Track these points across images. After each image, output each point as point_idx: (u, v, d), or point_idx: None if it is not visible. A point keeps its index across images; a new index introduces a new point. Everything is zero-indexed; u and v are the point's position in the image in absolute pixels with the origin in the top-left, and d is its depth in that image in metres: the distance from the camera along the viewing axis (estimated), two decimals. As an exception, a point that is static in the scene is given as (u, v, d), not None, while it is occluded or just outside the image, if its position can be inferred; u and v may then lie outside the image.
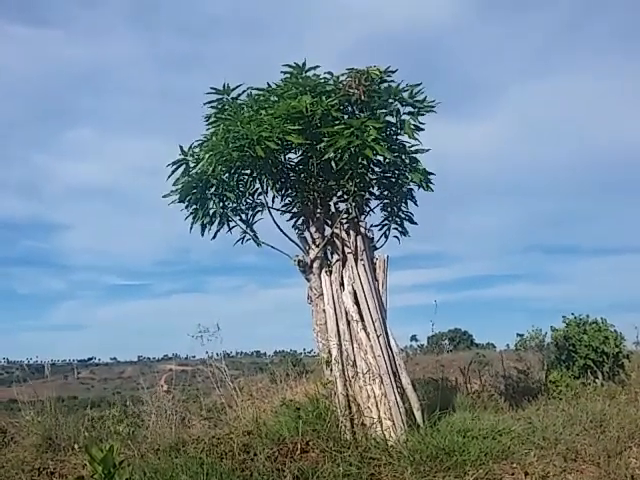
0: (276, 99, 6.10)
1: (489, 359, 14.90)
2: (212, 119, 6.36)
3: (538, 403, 8.57)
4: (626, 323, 11.34)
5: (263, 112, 5.90)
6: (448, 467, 4.76)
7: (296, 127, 5.70)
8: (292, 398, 7.25)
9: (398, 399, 5.95)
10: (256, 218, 6.62)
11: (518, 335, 20.24)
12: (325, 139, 5.87)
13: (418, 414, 6.13)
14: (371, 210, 6.91)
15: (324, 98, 5.95)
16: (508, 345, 21.34)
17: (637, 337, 12.33)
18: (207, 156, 5.87)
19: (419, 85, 6.27)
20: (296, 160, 6.57)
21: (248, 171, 6.21)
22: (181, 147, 6.30)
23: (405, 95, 6.25)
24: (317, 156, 6.08)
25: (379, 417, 5.84)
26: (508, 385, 11.17)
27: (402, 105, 6.29)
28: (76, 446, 6.29)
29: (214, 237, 6.42)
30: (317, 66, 6.10)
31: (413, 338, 22.58)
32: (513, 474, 4.67)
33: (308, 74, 6.09)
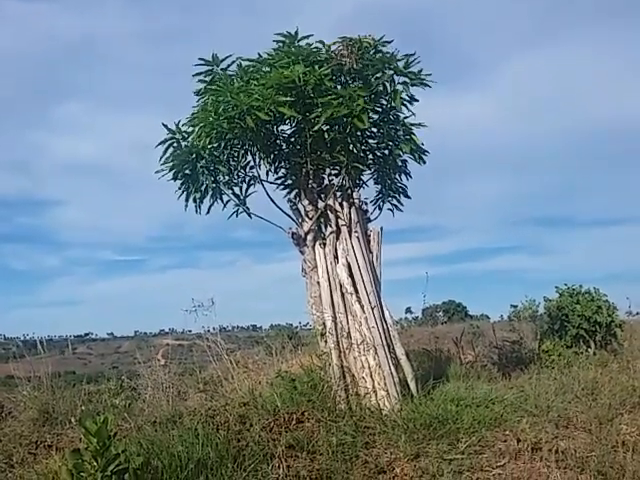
0: (267, 69, 6.00)
1: (483, 330, 15.07)
2: (201, 91, 6.26)
3: (531, 372, 8.67)
4: (621, 293, 11.43)
5: (254, 82, 5.82)
6: (441, 435, 4.82)
7: (288, 99, 5.61)
8: (288, 370, 7.30)
9: (392, 369, 6.01)
10: (249, 192, 6.58)
11: (512, 306, 20.39)
12: (316, 110, 5.79)
13: (412, 384, 6.19)
14: (364, 183, 6.88)
15: (317, 67, 5.84)
16: (502, 316, 21.51)
17: (629, 307, 12.45)
18: (197, 129, 5.79)
19: (413, 55, 6.17)
20: (288, 132, 6.51)
21: (239, 143, 6.14)
22: (165, 125, 6.19)
23: (400, 65, 6.16)
24: (309, 127, 6.00)
25: (373, 387, 5.90)
26: (501, 355, 11.28)
27: (396, 74, 6.20)
28: (73, 419, 6.32)
29: (208, 212, 6.39)
30: (310, 35, 6.01)
31: (408, 310, 22.64)
32: (505, 441, 4.74)
33: (300, 43, 5.99)
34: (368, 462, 4.42)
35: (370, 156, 6.77)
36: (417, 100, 6.27)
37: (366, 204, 6.81)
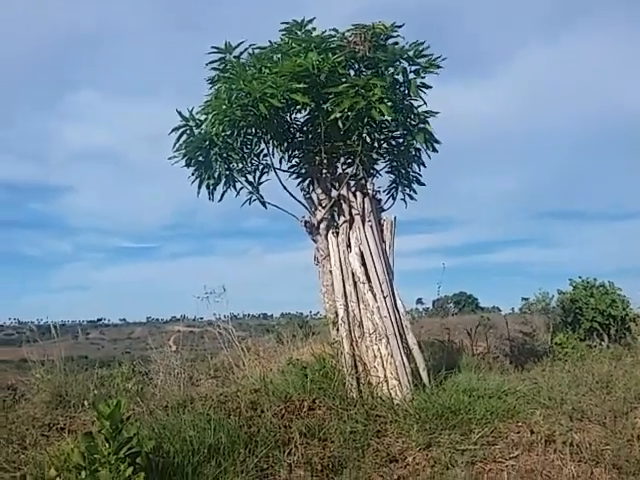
0: (279, 57, 5.95)
1: (494, 322, 15.01)
2: (214, 79, 6.22)
3: (543, 364, 8.62)
4: (633, 288, 11.31)
5: (267, 70, 5.77)
6: (454, 425, 4.80)
7: (301, 85, 5.55)
8: (299, 358, 7.30)
9: (404, 359, 5.98)
10: (262, 179, 6.55)
11: (523, 299, 20.30)
12: (330, 99, 5.74)
13: (424, 374, 6.16)
14: (377, 172, 6.83)
15: (330, 55, 5.79)
16: (513, 309, 21.43)
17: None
18: (210, 116, 5.76)
19: (423, 43, 6.07)
20: (302, 120, 6.46)
21: (252, 131, 6.10)
22: (179, 112, 6.17)
23: (411, 53, 6.07)
24: (323, 116, 5.95)
25: (385, 376, 5.88)
26: (513, 347, 11.23)
27: (409, 64, 6.11)
28: (85, 403, 6.38)
29: (221, 199, 6.37)
30: (313, 18, 5.95)
31: (419, 301, 22.56)
32: (518, 432, 4.70)
33: (312, 32, 5.92)
34: (379, 450, 4.41)
35: (384, 145, 6.71)
36: (430, 87, 6.18)
37: (379, 193, 6.77)
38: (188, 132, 6.18)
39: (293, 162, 6.72)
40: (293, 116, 6.35)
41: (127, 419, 3.39)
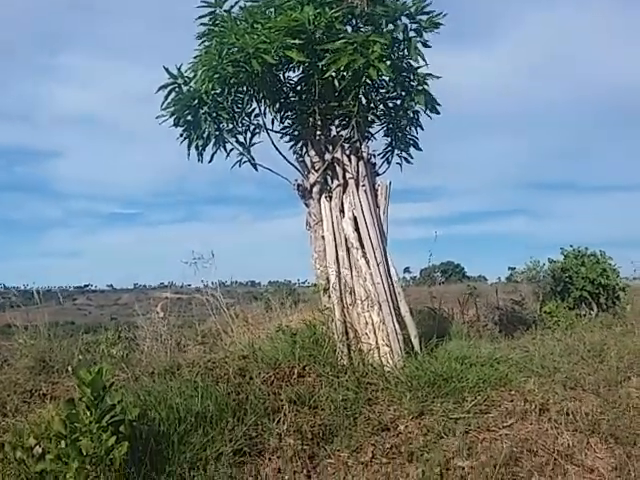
0: (273, 11, 5.64)
1: (481, 291, 15.02)
2: (204, 33, 5.91)
3: (534, 333, 8.59)
4: (621, 258, 11.27)
5: (260, 25, 5.47)
6: (446, 393, 4.71)
7: (297, 41, 5.28)
8: (288, 325, 7.19)
9: (396, 326, 5.87)
10: (253, 141, 6.29)
11: (510, 268, 20.34)
12: (326, 56, 5.47)
13: (416, 341, 6.08)
14: (372, 136, 6.60)
15: (327, 9, 5.50)
16: (499, 278, 21.55)
17: (634, 271, 12.36)
18: (200, 72, 5.48)
19: (427, 4, 5.78)
20: (296, 79, 6.19)
21: (244, 89, 5.83)
22: (167, 69, 5.86)
23: (412, 10, 5.79)
24: (318, 74, 5.69)
25: (377, 343, 5.78)
26: (502, 315, 11.22)
27: (409, 21, 5.84)
28: (69, 368, 6.23)
29: (211, 160, 6.12)
30: None
31: (406, 270, 22.68)
32: (512, 401, 4.63)
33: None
34: (371, 419, 4.32)
35: (381, 107, 6.47)
36: (430, 46, 5.92)
37: (374, 157, 6.56)
38: (176, 90, 5.90)
39: (286, 123, 6.48)
40: (286, 74, 6.08)
41: (110, 386, 3.25)
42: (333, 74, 5.39)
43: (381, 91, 6.29)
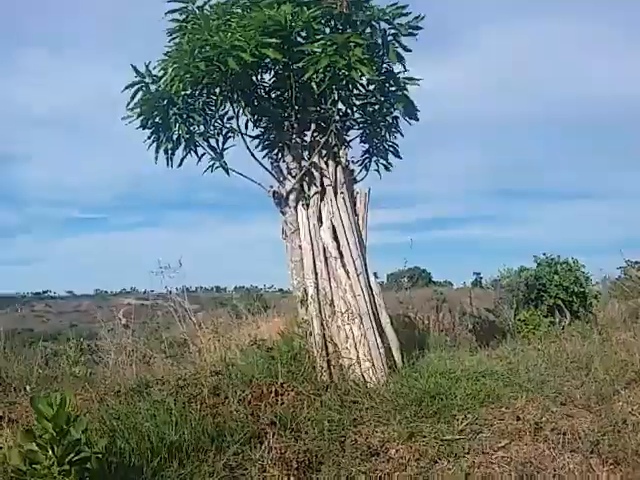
0: (248, 9, 5.35)
1: (447, 296, 14.97)
2: (175, 30, 5.59)
3: (511, 342, 8.47)
4: (590, 265, 11.29)
5: (234, 23, 5.18)
6: (434, 412, 4.47)
7: (274, 40, 5.00)
8: (260, 337, 6.86)
9: (378, 339, 5.63)
10: (227, 145, 5.98)
11: (475, 273, 20.42)
12: (305, 57, 5.20)
13: (397, 354, 5.85)
14: (348, 143, 6.37)
15: (305, 9, 5.24)
16: (464, 283, 21.68)
17: (605, 277, 12.46)
18: (170, 71, 5.14)
19: (404, 7, 5.57)
20: (271, 81, 5.91)
21: (217, 90, 5.52)
22: (134, 67, 5.51)
23: (389, 15, 5.58)
24: (295, 77, 5.43)
25: (358, 358, 5.52)
26: (476, 323, 11.12)
27: (388, 26, 5.62)
28: (28, 388, 5.78)
29: (180, 164, 5.79)
30: None
31: (374, 275, 22.71)
32: (503, 419, 4.41)
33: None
34: (358, 443, 4.04)
35: (359, 112, 6.24)
36: (410, 50, 5.71)
37: (353, 163, 6.33)
38: (144, 89, 5.55)
39: (261, 127, 6.19)
40: (261, 76, 5.78)
41: (75, 419, 2.88)
42: (311, 75, 5.11)
43: (359, 96, 6.04)
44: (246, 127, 6.01)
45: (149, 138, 5.62)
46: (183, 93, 5.30)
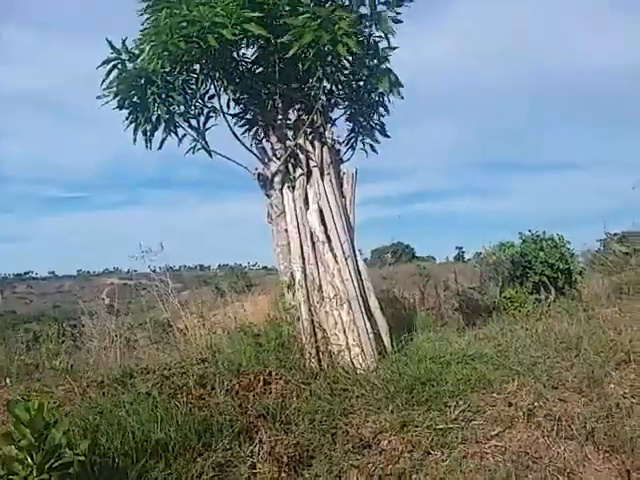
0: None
1: (430, 271, 14.95)
2: (152, 4, 5.29)
3: (497, 321, 8.44)
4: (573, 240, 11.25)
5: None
6: (426, 399, 4.39)
7: (256, 14, 4.76)
8: (246, 319, 6.73)
9: (367, 325, 5.53)
10: (208, 125, 5.74)
11: (457, 248, 20.47)
12: (288, 31, 4.96)
13: (386, 338, 5.76)
14: (334, 121, 6.16)
15: (288, -20, 4.99)
16: (447, 258, 21.80)
17: (587, 250, 12.48)
18: (147, 49, 4.88)
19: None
20: (254, 57, 5.67)
21: (197, 68, 5.28)
22: (110, 42, 5.23)
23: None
24: (278, 52, 5.21)
25: (347, 344, 5.43)
26: (462, 301, 11.10)
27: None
28: (8, 380, 5.60)
29: (160, 147, 5.54)
30: None
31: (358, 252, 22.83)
32: (495, 405, 4.35)
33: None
34: (350, 434, 3.94)
35: (345, 89, 6.04)
36: (401, 21, 5.48)
37: (339, 144, 6.14)
38: (119, 67, 5.28)
39: (242, 106, 5.96)
40: (243, 52, 5.54)
41: (54, 423, 2.73)
42: (296, 50, 4.88)
43: (345, 72, 5.83)
44: (228, 106, 5.79)
45: (126, 119, 5.37)
46: (162, 71, 5.05)
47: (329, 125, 6.00)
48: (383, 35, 5.48)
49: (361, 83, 5.94)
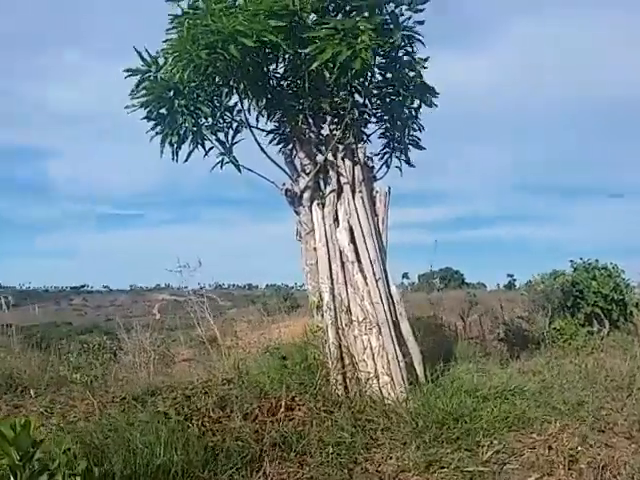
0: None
1: (480, 298, 14.41)
2: (177, 15, 5.19)
3: (544, 353, 7.94)
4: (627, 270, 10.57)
5: (238, 8, 4.77)
6: (457, 437, 4.03)
7: (280, 23, 4.57)
8: (277, 346, 6.50)
9: (398, 351, 5.19)
10: (236, 139, 5.60)
11: (508, 275, 19.79)
12: (312, 45, 4.76)
13: (419, 368, 5.40)
14: (368, 137, 5.93)
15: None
16: (498, 285, 21.12)
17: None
18: (171, 59, 4.80)
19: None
20: (282, 70, 5.51)
21: (223, 80, 5.12)
22: (139, 53, 5.15)
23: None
24: (305, 65, 5.02)
25: (376, 371, 5.10)
26: (508, 331, 10.55)
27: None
28: (32, 391, 5.56)
29: (187, 159, 5.43)
30: None
31: (404, 276, 22.87)
32: (534, 448, 3.94)
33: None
34: (369, 471, 3.63)
35: (377, 103, 5.81)
36: (422, 22, 5.20)
37: (372, 160, 5.91)
38: (149, 78, 5.21)
39: (274, 121, 5.80)
40: (272, 66, 5.38)
41: (40, 442, 2.56)
42: (317, 66, 4.69)
43: (375, 85, 5.60)
44: (257, 120, 5.64)
45: (153, 129, 5.29)
46: (188, 83, 4.95)
47: (361, 141, 5.78)
48: (406, 42, 5.26)
49: (393, 97, 5.70)
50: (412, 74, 5.49)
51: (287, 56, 5.09)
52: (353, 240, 5.42)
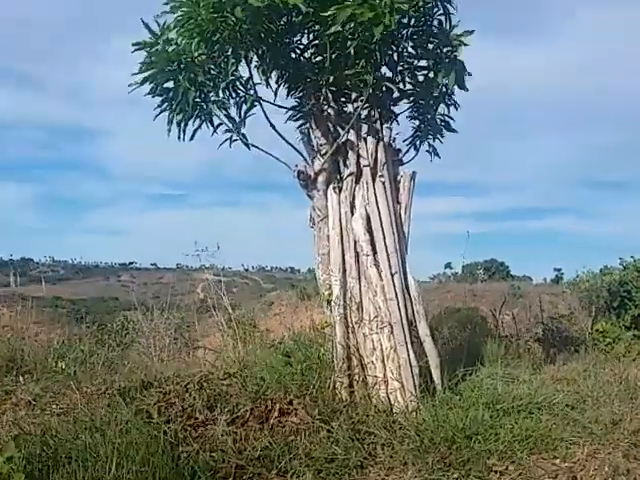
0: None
1: (524, 292, 13.68)
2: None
3: (583, 358, 7.26)
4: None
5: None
6: (467, 459, 3.51)
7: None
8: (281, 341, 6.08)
9: (411, 355, 4.66)
10: (247, 114, 5.11)
11: (555, 269, 18.85)
12: (332, 7, 4.21)
13: (436, 373, 4.86)
14: (396, 117, 5.36)
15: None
16: (545, 279, 20.24)
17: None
18: (172, 25, 4.35)
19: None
20: (304, 41, 4.98)
21: (229, 48, 4.61)
22: (147, 25, 4.67)
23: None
24: (325, 31, 4.47)
25: (384, 376, 4.60)
26: (546, 331, 9.82)
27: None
28: (21, 378, 5.31)
29: (192, 138, 4.99)
30: None
31: (447, 266, 22.71)
32: (556, 477, 3.39)
33: None
34: (359, 497, 3.16)
35: (407, 79, 5.21)
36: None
37: (395, 141, 5.33)
38: (158, 50, 4.77)
39: (294, 98, 5.29)
40: (287, 37, 4.84)
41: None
42: (335, 30, 4.14)
43: (406, 58, 5.02)
44: (275, 95, 5.14)
45: (159, 106, 4.86)
46: (196, 52, 4.49)
47: (388, 120, 5.22)
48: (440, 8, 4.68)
49: (425, 72, 5.11)
50: (446, 49, 4.90)
51: (307, 22, 4.53)
52: (370, 230, 4.90)
